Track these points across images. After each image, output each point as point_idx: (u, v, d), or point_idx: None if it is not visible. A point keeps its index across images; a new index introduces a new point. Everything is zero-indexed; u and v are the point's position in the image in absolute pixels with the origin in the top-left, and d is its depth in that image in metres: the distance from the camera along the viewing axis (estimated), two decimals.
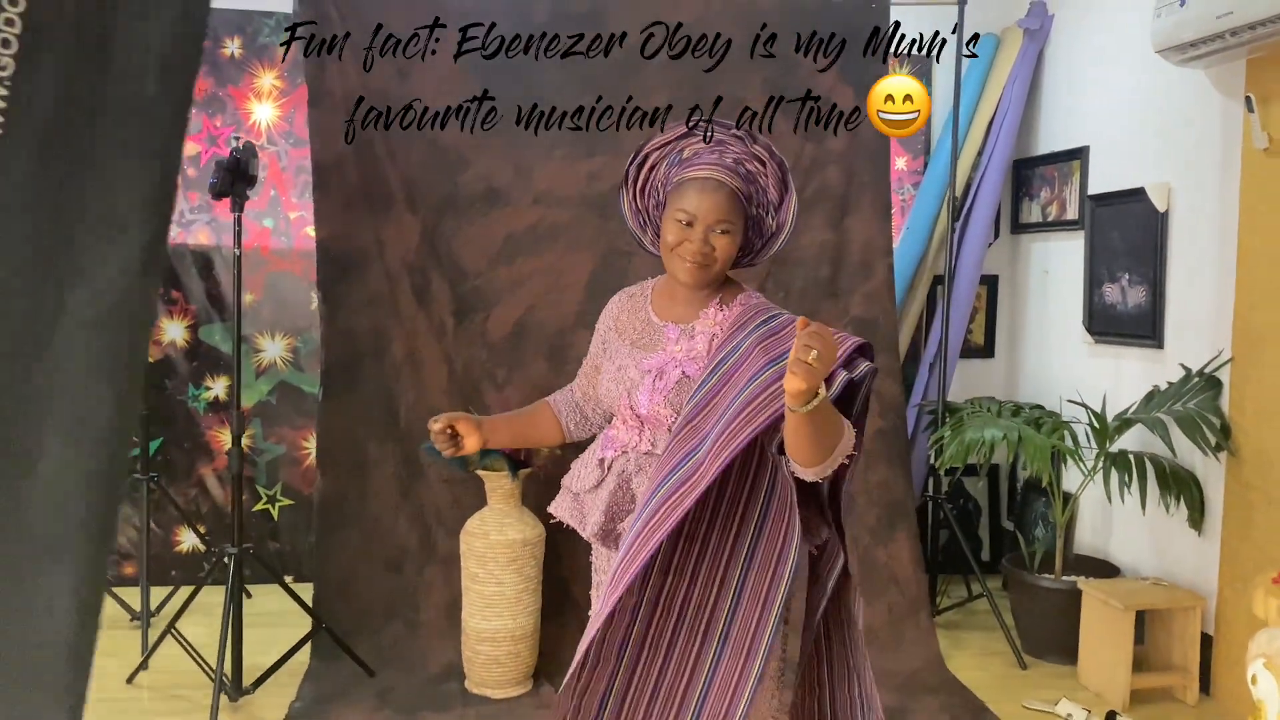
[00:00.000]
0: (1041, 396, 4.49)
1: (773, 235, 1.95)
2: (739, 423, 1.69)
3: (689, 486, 1.68)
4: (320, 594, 3.65)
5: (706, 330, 1.89)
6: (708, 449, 1.70)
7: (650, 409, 1.87)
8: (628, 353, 1.95)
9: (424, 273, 3.72)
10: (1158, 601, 3.43)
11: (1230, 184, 3.42)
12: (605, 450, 1.94)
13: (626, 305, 2.02)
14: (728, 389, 1.76)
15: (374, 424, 3.72)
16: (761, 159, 1.87)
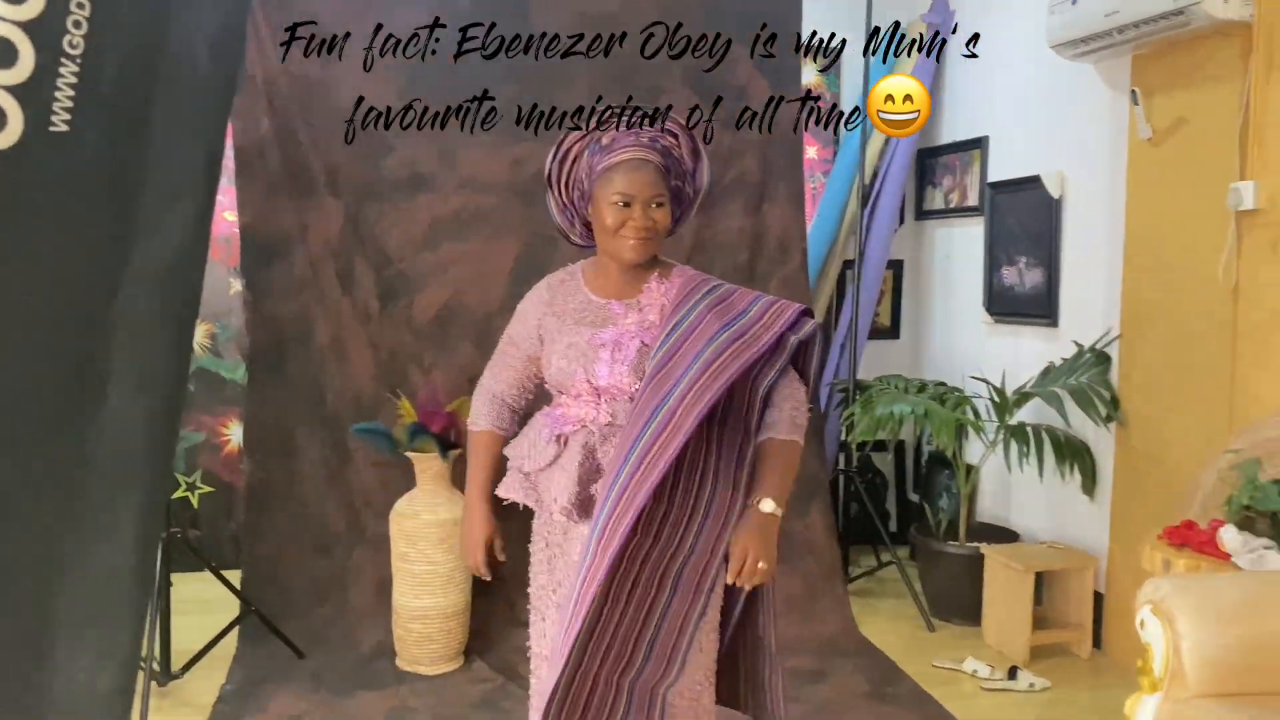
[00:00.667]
0: (945, 374, 4.71)
1: (690, 201, 2.07)
2: (707, 377, 1.82)
3: (667, 435, 1.79)
4: (248, 578, 3.65)
5: (654, 302, 2.00)
6: (678, 398, 1.81)
7: (611, 379, 1.94)
8: (575, 330, 2.00)
9: (348, 258, 3.74)
10: (1054, 563, 3.67)
11: (1118, 172, 3.66)
12: (560, 427, 1.98)
13: (558, 290, 2.07)
14: (688, 346, 1.89)
15: (301, 409, 3.72)
16: (674, 132, 2.01)
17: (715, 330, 1.89)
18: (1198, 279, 3.29)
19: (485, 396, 2.15)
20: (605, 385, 1.95)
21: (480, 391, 2.16)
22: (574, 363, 1.97)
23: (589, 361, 1.95)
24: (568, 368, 1.98)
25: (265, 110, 3.65)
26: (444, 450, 3.36)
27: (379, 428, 3.48)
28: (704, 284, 2.01)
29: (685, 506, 1.90)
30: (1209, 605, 2.19)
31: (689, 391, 1.82)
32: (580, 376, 1.96)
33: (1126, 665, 3.53)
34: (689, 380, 1.84)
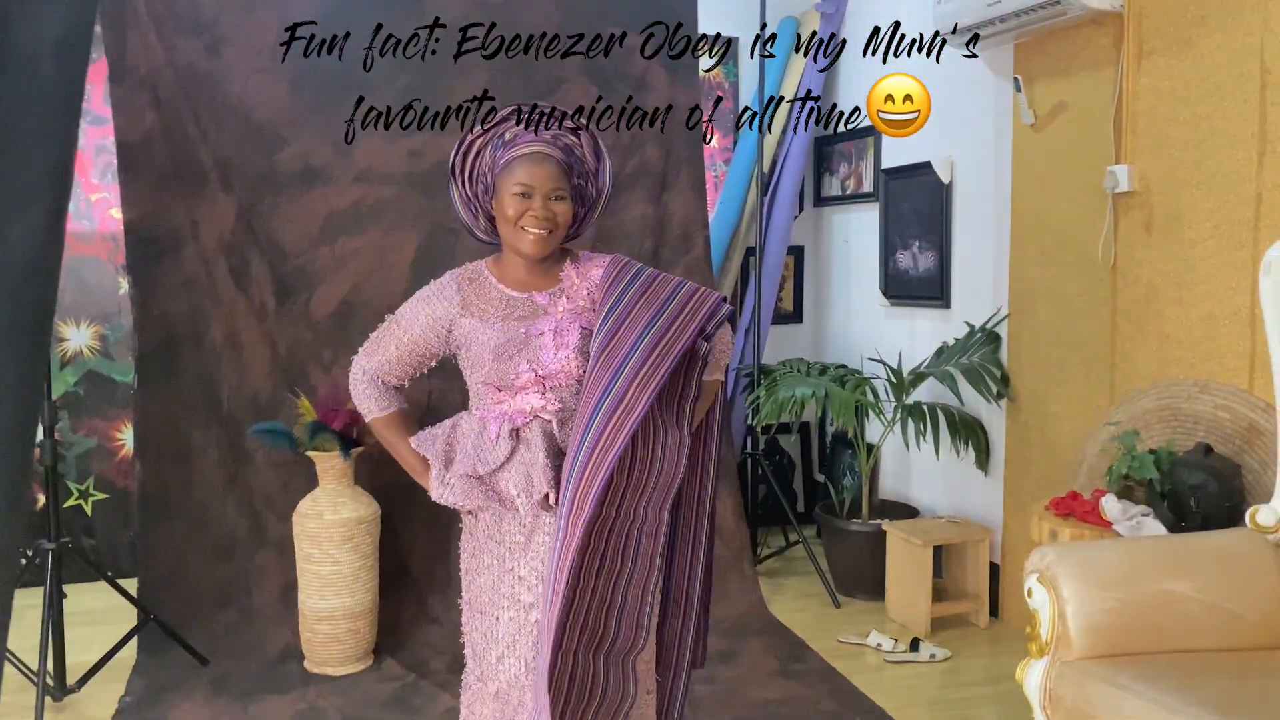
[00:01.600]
0: (845, 356, 4.82)
1: (594, 201, 2.11)
2: (652, 362, 1.89)
3: (623, 412, 1.83)
4: (145, 586, 3.55)
5: (577, 288, 2.04)
6: (626, 378, 1.86)
7: (556, 365, 1.97)
8: (504, 327, 2.00)
9: (242, 254, 3.65)
10: (952, 537, 3.79)
11: (1003, 156, 3.78)
12: (511, 421, 1.98)
13: (469, 289, 2.05)
14: (625, 329, 1.93)
15: (195, 410, 3.63)
16: (574, 129, 2.05)
17: (648, 318, 1.95)
18: (1079, 259, 3.43)
19: (368, 382, 2.11)
20: (551, 372, 1.97)
21: (363, 379, 2.11)
22: (515, 356, 1.98)
23: (532, 351, 1.97)
24: (509, 363, 1.98)
25: (150, 103, 3.54)
26: (345, 449, 3.31)
27: (278, 428, 3.41)
28: (626, 269, 2.06)
29: (642, 476, 1.95)
30: (1090, 571, 2.29)
31: (637, 374, 1.87)
32: (524, 368, 1.97)
33: (1023, 633, 3.67)
34: (634, 363, 1.89)
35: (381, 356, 2.09)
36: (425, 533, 3.76)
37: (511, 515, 2.03)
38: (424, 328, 2.05)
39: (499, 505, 2.01)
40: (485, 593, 2.08)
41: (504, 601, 2.05)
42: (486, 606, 2.08)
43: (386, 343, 2.09)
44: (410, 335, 2.06)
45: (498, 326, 2.00)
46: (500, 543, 2.05)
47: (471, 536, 2.10)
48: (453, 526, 3.74)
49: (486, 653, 2.06)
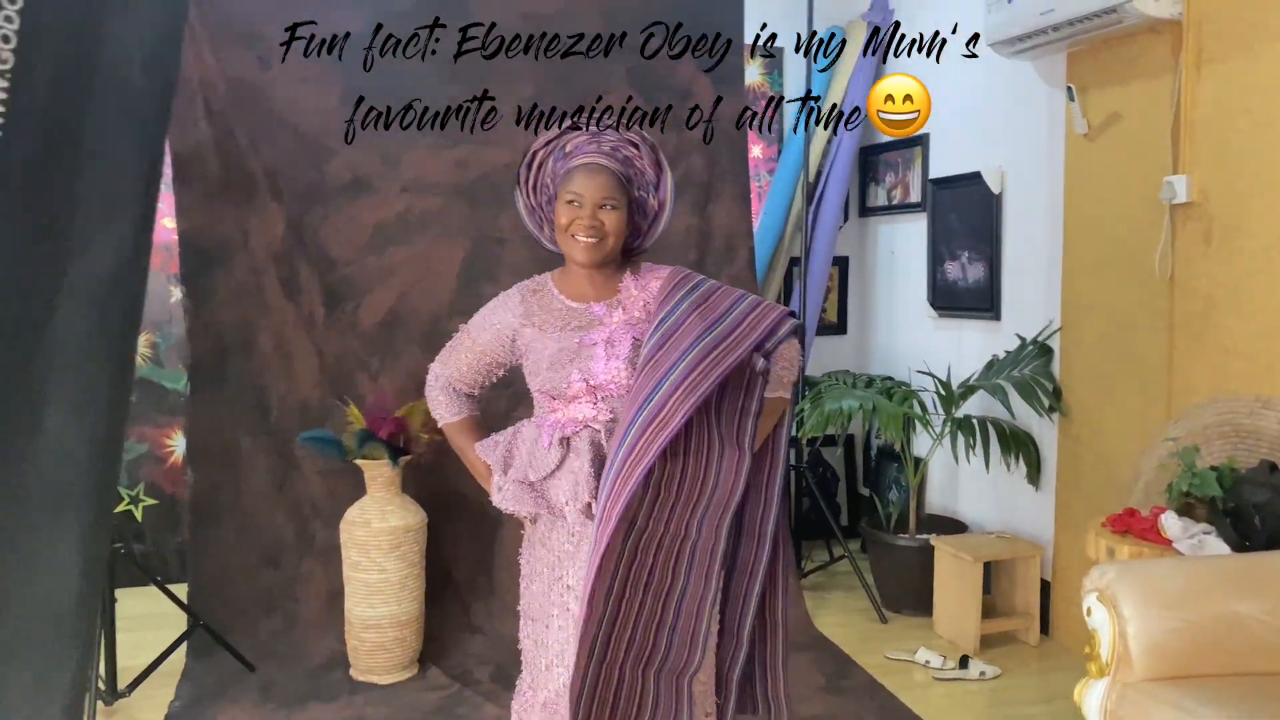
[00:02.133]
0: (891, 368, 4.78)
1: (656, 215, 2.12)
2: (693, 379, 1.87)
3: (659, 423, 1.83)
4: (195, 592, 3.58)
5: (634, 300, 2.06)
6: (668, 390, 1.86)
7: (607, 375, 1.99)
8: (561, 336, 2.04)
9: (291, 263, 3.68)
10: (1002, 552, 3.73)
11: (1055, 166, 3.73)
12: (562, 430, 2.01)
13: (531, 299, 2.11)
14: (676, 341, 1.93)
15: (245, 418, 3.66)
16: (634, 143, 2.08)
17: (699, 331, 1.95)
18: (1134, 271, 3.37)
19: (441, 388, 2.18)
20: (602, 382, 1.99)
21: (437, 385, 2.19)
22: (567, 365, 2.01)
23: (584, 361, 2.00)
24: (561, 370, 2.01)
25: (203, 115, 3.58)
26: (394, 457, 3.32)
27: (327, 436, 3.43)
28: (685, 281, 2.06)
29: (692, 492, 1.96)
30: (1152, 590, 2.24)
31: (678, 387, 1.86)
32: (576, 377, 2.00)
33: (1074, 651, 3.60)
34: (677, 376, 1.88)
35: (454, 365, 2.17)
36: (469, 542, 3.76)
37: (561, 523, 2.05)
38: (490, 337, 2.12)
39: (549, 513, 2.04)
40: (537, 600, 2.11)
41: (554, 610, 2.06)
42: (538, 614, 2.10)
43: (458, 351, 2.16)
44: (478, 344, 2.13)
45: (555, 336, 2.04)
46: (550, 550, 2.08)
47: (529, 544, 2.13)
48: (496, 536, 3.76)
49: (537, 660, 2.08)
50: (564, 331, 2.05)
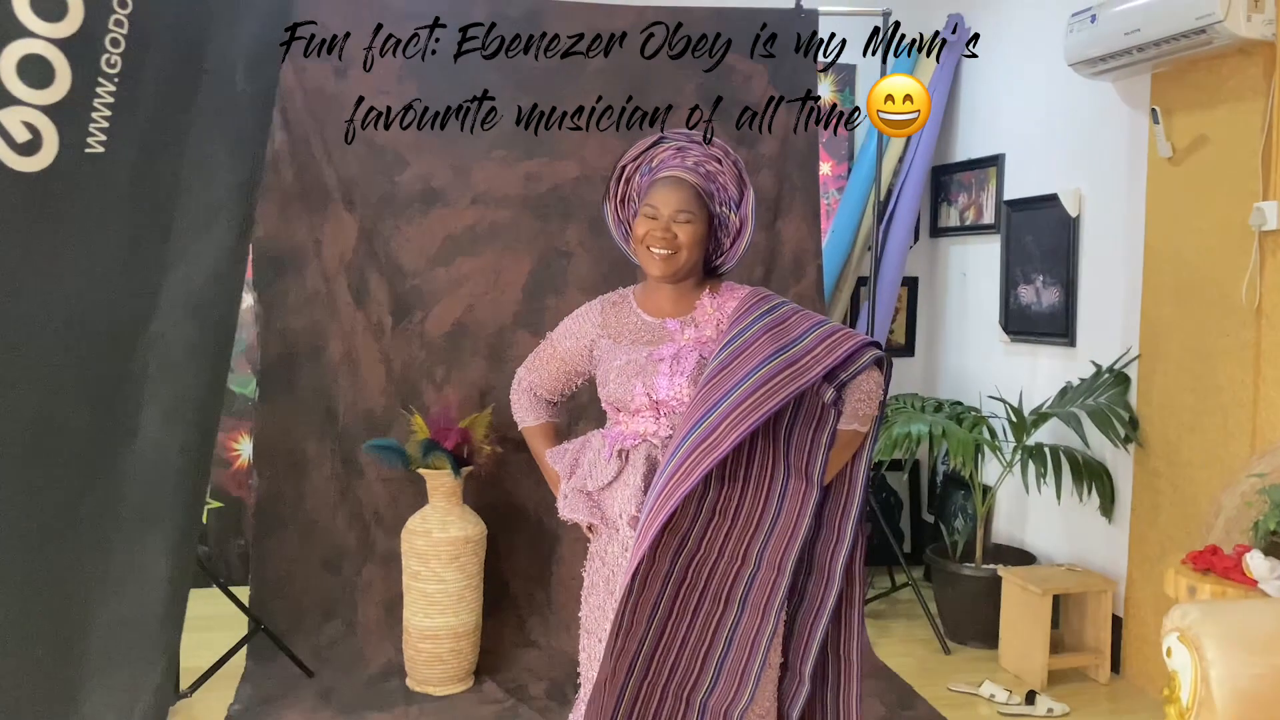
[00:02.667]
0: (960, 393, 4.68)
1: (738, 232, 2.09)
2: (752, 402, 1.84)
3: (706, 447, 1.80)
4: (257, 595, 3.62)
5: (709, 318, 2.04)
6: (722, 413, 1.83)
7: (670, 392, 1.97)
8: (631, 348, 2.04)
9: (362, 272, 3.72)
10: (1072, 586, 3.62)
11: (1137, 190, 3.62)
12: (621, 442, 2.01)
13: (610, 311, 2.12)
14: (740, 362, 1.90)
15: (311, 424, 3.70)
16: (717, 158, 2.06)
17: (768, 354, 1.91)
18: (1219, 299, 3.25)
19: (524, 392, 2.23)
20: (664, 398, 1.97)
21: (519, 388, 2.24)
22: (633, 378, 2.00)
23: (648, 375, 1.99)
24: (627, 383, 2.01)
25: (279, 123, 3.64)
26: (456, 467, 3.33)
27: (392, 444, 3.45)
28: (762, 302, 2.03)
29: (750, 519, 1.92)
30: (1239, 633, 2.14)
31: (733, 411, 1.83)
32: (640, 391, 1.99)
33: (1146, 691, 3.48)
34: (735, 399, 1.85)
35: (538, 371, 2.21)
36: (527, 555, 3.76)
37: (617, 536, 2.04)
38: (571, 345, 2.15)
39: (604, 524, 2.04)
40: (594, 613, 2.09)
41: (607, 624, 2.03)
42: (593, 627, 2.09)
43: (542, 358, 2.20)
44: (559, 352, 2.17)
45: (626, 349, 2.05)
46: (605, 563, 2.08)
47: (591, 556, 2.12)
48: (554, 551, 3.75)
49: (590, 673, 2.06)
50: (636, 345, 2.05)
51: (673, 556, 1.89)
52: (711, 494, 1.92)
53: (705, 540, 1.91)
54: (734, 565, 1.91)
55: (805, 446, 1.98)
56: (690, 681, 1.88)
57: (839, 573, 2.04)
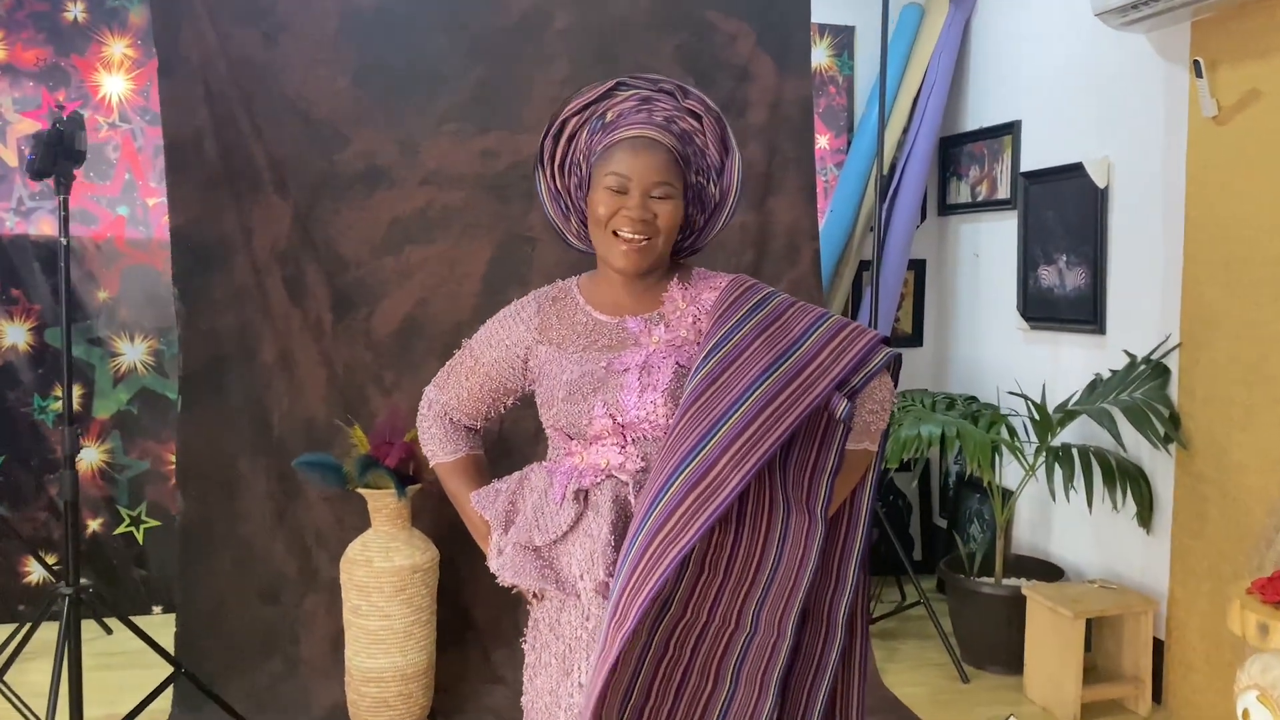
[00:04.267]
0: (974, 387, 4.25)
1: (716, 207, 1.64)
2: (759, 429, 1.42)
3: (704, 491, 1.39)
4: (184, 630, 3.21)
5: (681, 314, 1.60)
6: (720, 445, 1.41)
7: (640, 412, 1.53)
8: (584, 358, 1.59)
9: (297, 263, 3.29)
10: (1108, 607, 3.19)
11: (1176, 155, 3.19)
12: (578, 480, 1.56)
13: (550, 310, 1.66)
14: (733, 375, 1.48)
15: (243, 436, 3.28)
16: (696, 114, 1.60)
17: (766, 364, 1.48)
18: (1273, 278, 2.82)
19: (437, 420, 1.75)
20: (633, 420, 1.53)
21: (430, 414, 1.75)
22: (590, 396, 1.55)
23: (610, 392, 1.54)
24: (582, 403, 1.55)
25: (202, 98, 3.21)
26: (400, 486, 2.91)
27: (326, 460, 3.03)
28: (749, 293, 1.59)
29: (746, 570, 1.49)
30: None
31: (734, 442, 1.41)
32: (600, 412, 1.54)
33: None
34: (735, 425, 1.42)
35: (453, 390, 1.73)
36: (491, 580, 3.29)
37: (575, 603, 1.58)
38: (497, 356, 1.68)
39: (558, 589, 1.56)
40: (541, 698, 1.65)
41: (561, 714, 1.60)
42: (541, 715, 1.64)
43: (459, 373, 1.73)
44: (482, 365, 1.70)
45: (576, 359, 1.59)
46: (560, 637, 1.62)
47: (534, 626, 1.67)
48: None
49: None
50: (588, 352, 1.59)
51: (650, 627, 1.47)
52: (701, 543, 1.47)
53: (691, 602, 1.48)
54: (726, 630, 1.49)
55: (806, 473, 1.55)
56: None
57: (842, 623, 1.62)
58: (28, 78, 3.78)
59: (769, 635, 1.49)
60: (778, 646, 1.49)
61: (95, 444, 3.90)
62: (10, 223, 3.79)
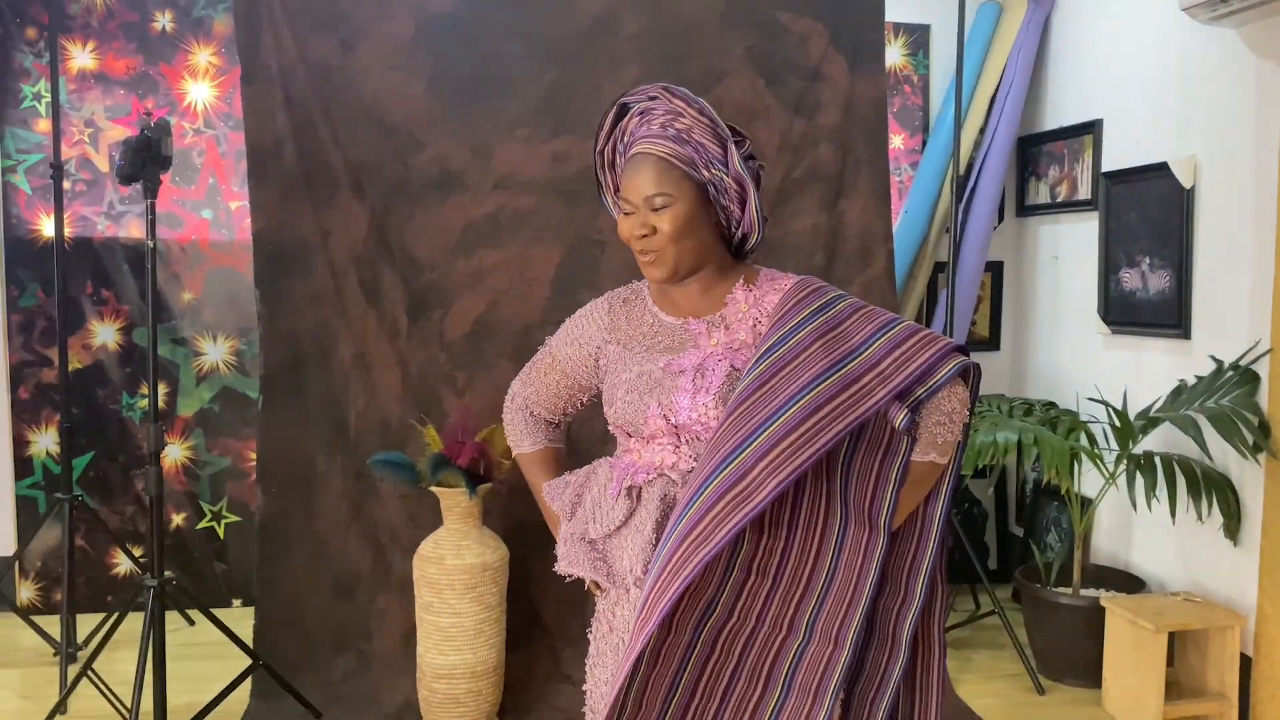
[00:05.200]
0: (1052, 392, 4.15)
1: (743, 192, 1.62)
2: (800, 437, 1.43)
3: (736, 497, 1.41)
4: (262, 624, 3.28)
5: (742, 317, 1.61)
6: (758, 452, 1.43)
7: (693, 413, 1.56)
8: (645, 359, 1.63)
9: (373, 266, 3.36)
10: (1192, 621, 3.09)
11: (1267, 154, 3.07)
12: (632, 477, 1.60)
13: (620, 310, 1.71)
14: (782, 380, 1.49)
15: (320, 435, 3.35)
16: (680, 112, 1.60)
17: (820, 369, 1.49)
18: None
19: (519, 412, 1.85)
20: (686, 421, 1.56)
21: (513, 406, 1.86)
22: (646, 396, 1.59)
23: (665, 393, 1.58)
24: (638, 402, 1.59)
25: (281, 104, 3.29)
26: (472, 485, 2.94)
27: (400, 459, 3.08)
28: (813, 296, 1.59)
29: (798, 578, 1.51)
30: None
31: (773, 449, 1.42)
32: (654, 412, 1.58)
33: None
34: (775, 433, 1.43)
35: (533, 384, 1.82)
36: (560, 580, 3.33)
37: (627, 597, 1.62)
38: (571, 354, 1.75)
39: (609, 581, 1.61)
40: (599, 688, 1.70)
41: None
42: (600, 705, 1.68)
43: (539, 369, 1.82)
44: (559, 362, 1.78)
45: (639, 358, 1.63)
46: (615, 630, 1.66)
47: (597, 618, 1.71)
48: None
49: None
50: (651, 352, 1.63)
51: (695, 626, 1.50)
52: (747, 547, 1.51)
53: (739, 605, 1.51)
54: (777, 636, 1.51)
55: (869, 483, 1.56)
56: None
57: (906, 638, 1.61)
58: (119, 86, 3.91)
59: (825, 645, 1.49)
60: (834, 657, 1.49)
61: (179, 441, 4.02)
62: (101, 226, 3.93)
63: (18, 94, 3.86)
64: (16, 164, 3.88)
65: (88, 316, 3.93)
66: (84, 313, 3.92)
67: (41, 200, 3.88)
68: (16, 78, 3.86)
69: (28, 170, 3.88)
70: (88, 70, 3.90)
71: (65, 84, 3.83)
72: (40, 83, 3.87)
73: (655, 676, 1.50)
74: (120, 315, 3.96)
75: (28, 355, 3.92)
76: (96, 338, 3.95)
